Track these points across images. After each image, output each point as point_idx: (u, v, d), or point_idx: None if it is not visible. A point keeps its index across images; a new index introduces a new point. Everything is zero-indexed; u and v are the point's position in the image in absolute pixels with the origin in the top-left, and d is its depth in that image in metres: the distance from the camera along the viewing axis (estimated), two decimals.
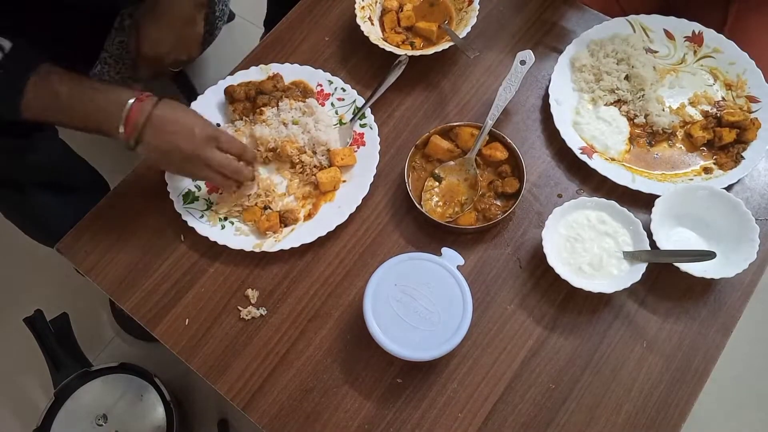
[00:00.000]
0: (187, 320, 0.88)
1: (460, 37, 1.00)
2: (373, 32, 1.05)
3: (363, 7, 1.07)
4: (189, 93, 1.53)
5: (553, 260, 0.84)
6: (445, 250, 0.84)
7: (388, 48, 1.02)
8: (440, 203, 0.93)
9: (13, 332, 1.44)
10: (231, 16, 1.51)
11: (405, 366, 0.84)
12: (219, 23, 1.43)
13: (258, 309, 0.88)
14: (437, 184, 0.94)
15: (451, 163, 0.95)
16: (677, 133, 0.97)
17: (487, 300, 0.88)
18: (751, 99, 0.97)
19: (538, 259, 0.88)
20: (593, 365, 0.83)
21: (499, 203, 0.92)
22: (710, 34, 1.02)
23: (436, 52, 1.01)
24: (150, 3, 0.98)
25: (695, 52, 1.03)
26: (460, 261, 0.83)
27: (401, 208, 0.94)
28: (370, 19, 1.07)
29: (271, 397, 0.83)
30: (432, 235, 0.92)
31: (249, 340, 0.87)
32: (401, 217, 0.94)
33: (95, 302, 1.52)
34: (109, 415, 1.21)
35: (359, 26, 1.04)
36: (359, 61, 1.06)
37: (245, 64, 1.06)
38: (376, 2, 1.09)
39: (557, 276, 0.84)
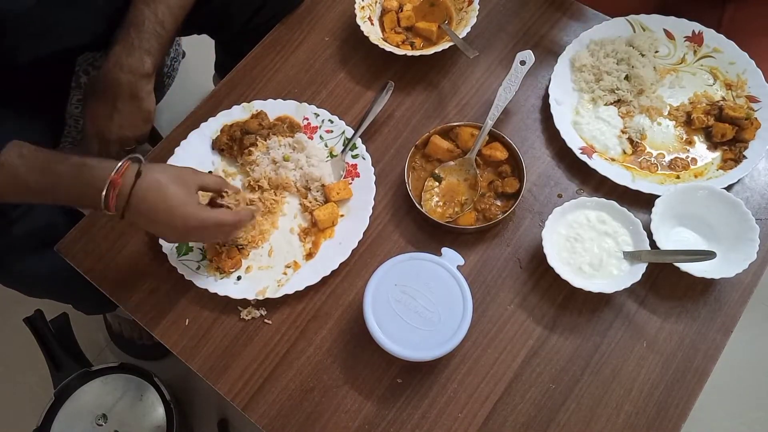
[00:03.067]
0: (187, 320, 0.88)
1: (460, 37, 1.00)
2: (373, 32, 1.05)
3: (363, 7, 1.07)
4: (152, 138, 1.53)
5: (553, 260, 0.84)
6: (445, 250, 0.84)
7: (388, 48, 1.02)
8: (440, 203, 0.93)
9: (13, 332, 1.44)
10: (182, 54, 1.52)
11: (405, 366, 0.84)
12: (175, 63, 1.43)
13: (258, 309, 0.88)
14: (437, 184, 0.94)
15: (451, 163, 0.94)
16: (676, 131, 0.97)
17: (487, 300, 0.88)
18: (751, 99, 0.97)
19: (538, 259, 0.88)
20: (593, 365, 0.83)
21: (499, 203, 0.92)
22: (710, 34, 1.02)
23: (436, 52, 1.01)
24: (96, 76, 0.91)
25: (695, 51, 1.03)
26: (460, 261, 0.83)
27: (401, 208, 0.94)
28: (369, 19, 1.07)
29: (271, 397, 0.83)
30: (432, 235, 0.92)
31: (249, 340, 0.87)
32: (401, 217, 0.94)
33: None
34: (109, 415, 1.21)
35: (359, 26, 1.04)
36: (359, 61, 1.06)
37: (244, 67, 1.06)
38: (376, 2, 1.09)
39: (557, 276, 0.84)
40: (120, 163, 0.75)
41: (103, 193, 0.74)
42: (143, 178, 0.76)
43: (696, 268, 0.83)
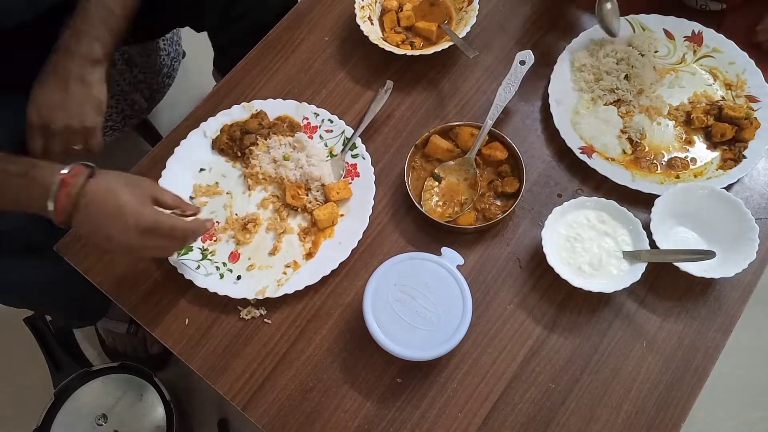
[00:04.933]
0: (187, 320, 0.88)
1: (460, 37, 1.00)
2: (372, 32, 1.05)
3: (363, 7, 1.07)
4: (152, 138, 1.53)
5: (552, 260, 0.85)
6: (444, 249, 0.85)
7: (388, 48, 1.02)
8: (440, 203, 0.93)
9: (13, 332, 1.44)
10: (182, 54, 1.51)
11: (405, 366, 0.84)
12: (175, 63, 1.43)
13: (258, 309, 0.88)
14: (437, 183, 0.94)
15: (451, 162, 0.95)
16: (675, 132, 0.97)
17: (487, 300, 0.88)
18: (751, 99, 0.97)
19: (537, 259, 0.88)
20: (593, 365, 0.83)
21: (498, 203, 0.92)
22: (710, 34, 1.02)
23: (435, 52, 1.01)
24: (44, 69, 0.87)
25: (695, 51, 1.03)
26: (460, 261, 0.84)
27: (401, 208, 0.94)
28: (369, 18, 1.07)
29: (271, 397, 0.83)
30: (432, 234, 0.92)
31: (249, 340, 0.87)
32: (401, 217, 0.94)
33: None
34: (109, 415, 1.21)
35: (359, 26, 1.04)
36: (359, 60, 1.06)
37: (244, 67, 1.06)
38: (376, 2, 1.09)
39: (557, 276, 0.84)
40: (72, 165, 0.74)
41: (53, 189, 0.71)
42: (95, 179, 0.74)
43: (696, 268, 0.83)
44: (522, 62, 0.97)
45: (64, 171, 0.73)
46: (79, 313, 1.29)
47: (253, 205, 0.95)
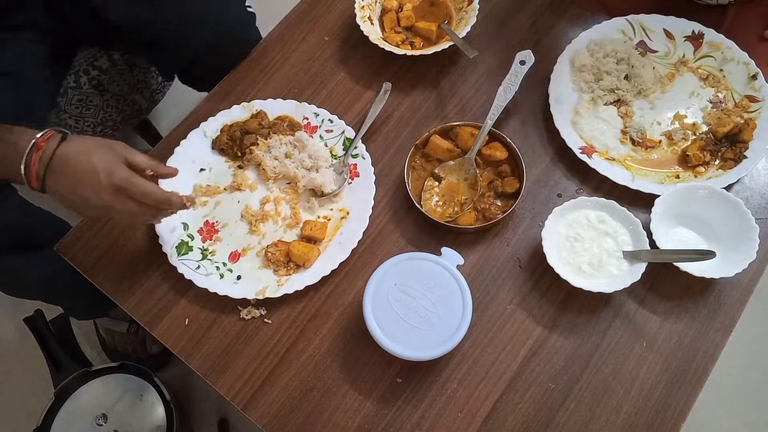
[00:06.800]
0: (187, 320, 0.88)
1: (460, 37, 1.00)
2: (372, 32, 1.05)
3: (363, 7, 1.07)
4: (152, 138, 1.53)
5: (552, 260, 0.85)
6: (444, 249, 0.85)
7: (388, 48, 1.02)
8: (440, 203, 0.93)
9: (13, 332, 1.44)
10: None
11: (405, 366, 0.84)
12: (167, 80, 1.43)
13: (258, 309, 0.88)
14: (437, 183, 0.94)
15: (451, 162, 0.95)
16: (670, 138, 0.97)
17: (487, 300, 0.88)
18: (751, 99, 0.97)
19: (537, 259, 0.88)
20: (593, 365, 0.83)
21: (499, 203, 0.92)
22: (710, 34, 1.02)
23: (435, 52, 1.01)
24: None
25: (695, 51, 1.03)
26: (460, 260, 0.84)
27: (401, 207, 0.94)
28: (369, 18, 1.07)
29: (271, 397, 0.83)
30: (432, 234, 0.92)
31: (249, 340, 0.87)
32: (401, 216, 0.94)
33: None
34: (109, 415, 1.21)
35: (359, 26, 1.04)
36: (359, 60, 1.06)
37: (246, 66, 1.06)
38: (376, 2, 1.09)
39: (557, 276, 0.84)
40: (46, 130, 0.74)
41: (26, 152, 0.72)
42: (67, 142, 0.75)
43: (696, 268, 0.83)
44: (522, 62, 0.97)
45: (39, 135, 0.73)
46: (88, 307, 1.30)
47: (257, 201, 0.95)
